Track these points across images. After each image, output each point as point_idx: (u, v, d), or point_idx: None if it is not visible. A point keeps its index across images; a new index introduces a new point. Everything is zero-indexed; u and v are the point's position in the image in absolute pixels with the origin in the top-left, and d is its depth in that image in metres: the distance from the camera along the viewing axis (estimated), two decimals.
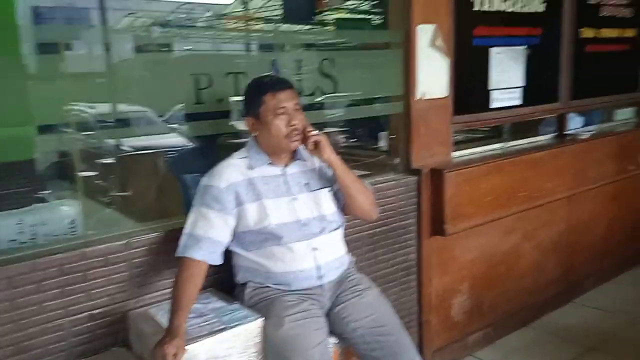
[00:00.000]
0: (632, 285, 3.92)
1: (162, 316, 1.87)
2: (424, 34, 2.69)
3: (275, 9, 3.76)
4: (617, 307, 3.56)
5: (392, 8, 2.77)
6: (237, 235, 1.91)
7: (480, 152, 3.15)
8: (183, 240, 1.83)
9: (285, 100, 1.87)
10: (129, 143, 3.88)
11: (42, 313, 1.76)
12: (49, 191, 2.48)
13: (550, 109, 3.49)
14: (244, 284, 1.95)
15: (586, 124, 3.88)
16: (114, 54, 1.99)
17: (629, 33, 3.99)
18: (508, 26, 3.14)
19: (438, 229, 2.74)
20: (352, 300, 1.93)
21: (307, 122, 1.93)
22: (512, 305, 3.28)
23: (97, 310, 1.87)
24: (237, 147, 2.04)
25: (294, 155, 2.00)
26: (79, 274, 1.82)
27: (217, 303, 1.94)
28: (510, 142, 3.34)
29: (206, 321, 1.80)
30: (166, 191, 2.93)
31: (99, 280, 1.86)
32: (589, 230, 3.75)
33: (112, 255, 1.88)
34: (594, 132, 3.74)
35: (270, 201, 1.90)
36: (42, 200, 2.97)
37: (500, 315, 3.22)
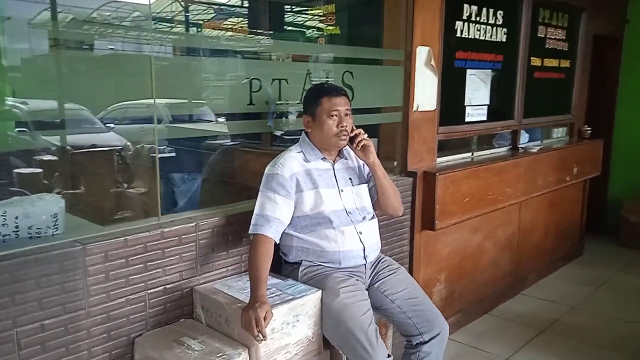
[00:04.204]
0: (566, 280, 4.56)
1: (228, 290, 2.12)
2: (421, 54, 3.10)
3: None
4: (555, 298, 4.15)
5: (387, 31, 3.16)
6: (292, 219, 2.19)
7: (454, 160, 3.60)
8: (254, 219, 2.10)
9: (339, 105, 2.19)
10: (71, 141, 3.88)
11: (127, 286, 1.95)
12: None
13: (508, 125, 4.04)
14: (297, 263, 2.23)
15: (530, 140, 4.47)
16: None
17: (565, 64, 4.65)
18: (479, 52, 3.63)
19: (429, 224, 3.14)
20: (389, 277, 2.27)
21: (356, 127, 2.26)
22: (476, 294, 3.75)
23: (170, 285, 2.08)
24: None
25: (339, 154, 2.32)
26: (159, 252, 2.02)
27: (273, 280, 2.19)
28: (477, 152, 3.82)
29: (273, 293, 2.06)
30: None
31: (173, 257, 2.07)
32: (532, 232, 4.33)
33: (184, 236, 2.10)
34: (541, 146, 4.33)
35: (324, 190, 2.20)
36: (22, 193, 3.01)
37: (467, 303, 3.67)
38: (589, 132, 4.91)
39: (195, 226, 2.13)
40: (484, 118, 3.75)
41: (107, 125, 5.88)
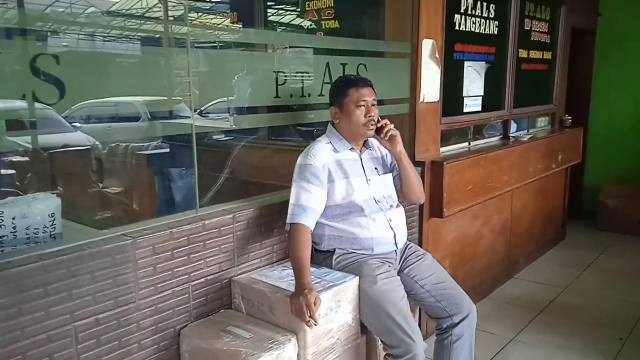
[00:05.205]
0: (553, 263, 4.75)
1: (267, 279, 2.16)
2: (426, 47, 3.19)
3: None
4: (547, 281, 4.32)
5: (390, 24, 3.23)
6: (324, 209, 2.24)
7: (454, 150, 3.70)
8: (291, 209, 2.14)
9: (366, 95, 2.25)
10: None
11: (173, 278, 1.97)
12: None
13: (500, 115, 4.17)
14: (329, 251, 2.29)
15: (518, 129, 4.63)
16: None
17: (547, 55, 4.83)
18: (475, 44, 3.74)
19: (437, 212, 3.24)
20: (417, 263, 2.35)
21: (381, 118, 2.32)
22: (476, 279, 3.88)
23: (211, 276, 2.11)
24: None
25: (364, 144, 2.38)
26: (200, 244, 2.05)
27: None
28: (473, 142, 3.94)
29: (313, 281, 2.10)
30: None
31: (213, 249, 2.10)
32: (523, 218, 4.49)
33: (223, 227, 2.13)
34: (531, 135, 4.49)
35: (354, 180, 2.26)
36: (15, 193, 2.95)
37: (469, 288, 3.75)
38: (570, 120, 5.11)
39: (233, 218, 2.16)
40: (479, 109, 3.87)
41: (73, 125, 5.76)
